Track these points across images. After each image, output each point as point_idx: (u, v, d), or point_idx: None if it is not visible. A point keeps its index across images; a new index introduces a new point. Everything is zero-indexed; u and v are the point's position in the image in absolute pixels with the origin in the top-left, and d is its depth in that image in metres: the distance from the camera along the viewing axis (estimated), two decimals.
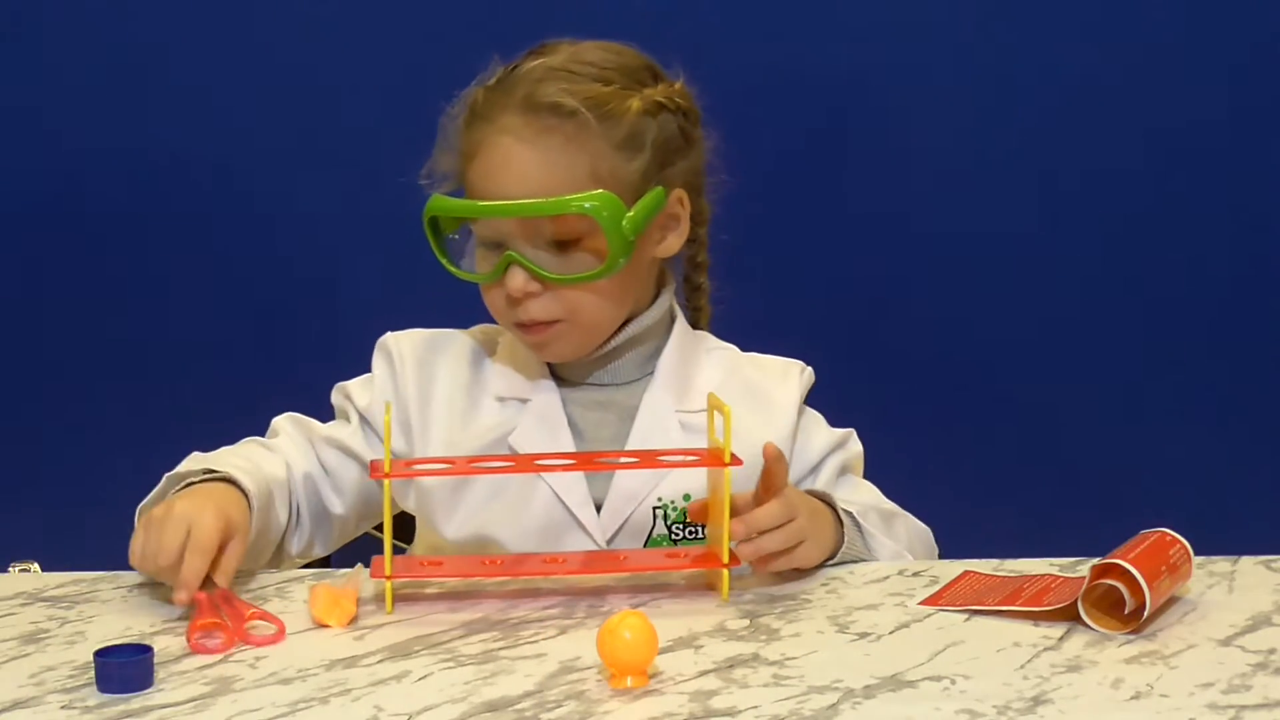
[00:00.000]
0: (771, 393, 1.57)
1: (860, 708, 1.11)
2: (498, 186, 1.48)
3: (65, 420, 2.52)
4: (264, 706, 1.13)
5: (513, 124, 1.48)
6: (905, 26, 2.43)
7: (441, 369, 1.58)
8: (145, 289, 2.49)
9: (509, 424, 1.54)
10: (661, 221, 1.53)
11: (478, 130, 1.50)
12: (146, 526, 1.36)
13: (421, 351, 1.59)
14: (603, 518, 1.52)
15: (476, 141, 1.50)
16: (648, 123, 1.50)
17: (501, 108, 1.49)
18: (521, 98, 1.48)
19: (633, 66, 1.53)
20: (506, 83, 1.51)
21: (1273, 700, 1.12)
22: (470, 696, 1.14)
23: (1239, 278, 2.47)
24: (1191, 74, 2.43)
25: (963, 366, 2.48)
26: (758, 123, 2.37)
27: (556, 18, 1.62)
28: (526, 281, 1.48)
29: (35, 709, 1.14)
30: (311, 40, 2.45)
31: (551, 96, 1.47)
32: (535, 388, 1.55)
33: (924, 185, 2.46)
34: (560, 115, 1.47)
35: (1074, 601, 1.27)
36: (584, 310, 1.50)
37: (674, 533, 1.51)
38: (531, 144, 1.47)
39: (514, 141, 1.48)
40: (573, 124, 1.47)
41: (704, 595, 1.38)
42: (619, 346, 1.55)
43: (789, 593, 1.37)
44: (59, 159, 2.47)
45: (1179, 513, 1.47)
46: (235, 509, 1.39)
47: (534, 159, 1.47)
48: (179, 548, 1.32)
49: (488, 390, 1.57)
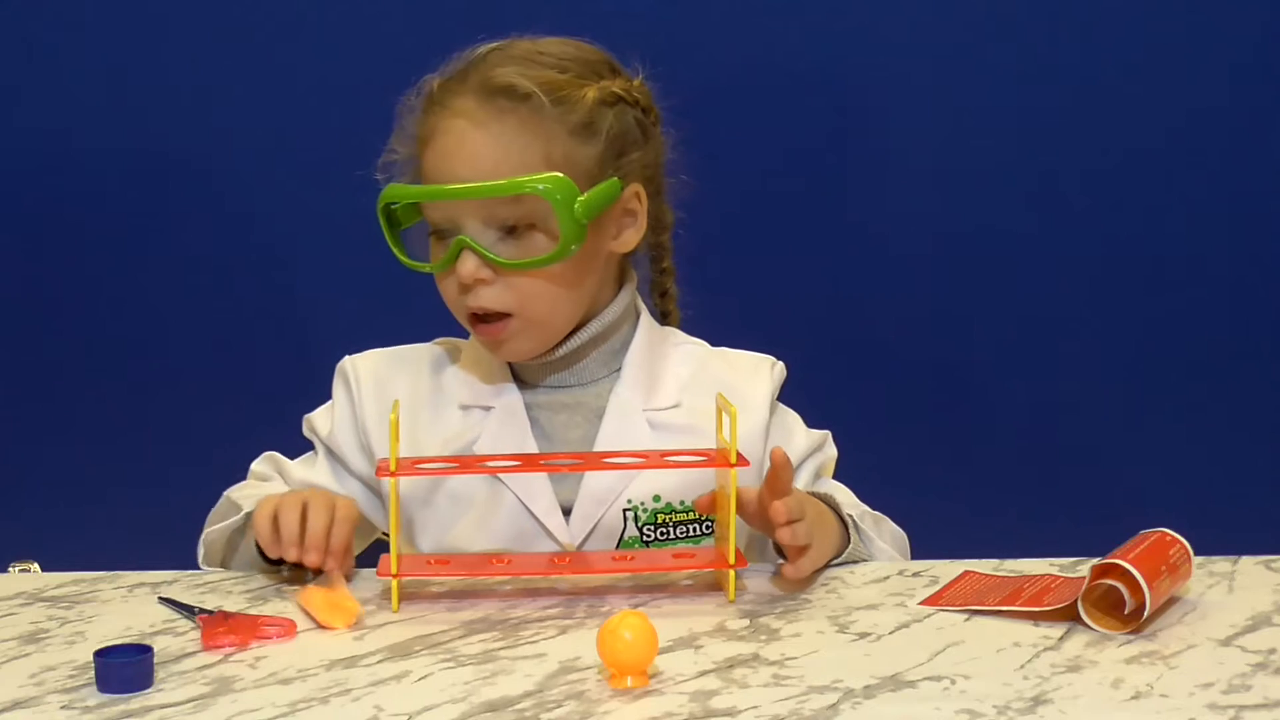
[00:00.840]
0: (742, 389, 1.55)
1: (860, 708, 1.11)
2: (451, 170, 1.47)
3: (65, 420, 2.52)
4: (264, 706, 1.13)
5: (467, 107, 1.48)
6: (885, 21, 2.43)
7: (400, 385, 1.57)
8: (145, 289, 2.49)
9: (473, 431, 1.54)
10: (617, 214, 1.52)
11: (432, 116, 1.50)
12: (280, 508, 1.39)
13: (381, 370, 1.58)
14: (572, 523, 1.51)
15: (431, 127, 1.50)
16: (604, 112, 1.50)
17: (457, 93, 1.49)
18: (477, 82, 1.48)
19: (591, 60, 1.53)
20: (463, 70, 1.51)
21: (1273, 700, 1.12)
22: (470, 696, 1.14)
23: (1239, 276, 2.47)
24: (1190, 74, 2.42)
25: (962, 366, 2.48)
26: (734, 122, 2.37)
27: (530, 16, 1.62)
28: (478, 267, 1.47)
29: (35, 709, 1.14)
30: (312, 39, 2.44)
31: (507, 79, 1.47)
32: (498, 393, 1.54)
33: (915, 183, 2.45)
34: (514, 98, 1.47)
35: (1074, 601, 1.27)
36: (536, 301, 1.48)
37: (645, 534, 1.51)
38: (485, 127, 1.47)
39: (468, 125, 1.47)
40: (526, 107, 1.47)
41: (704, 595, 1.38)
42: (581, 346, 1.54)
43: (789, 593, 1.37)
44: (57, 160, 2.47)
45: (1179, 513, 1.48)
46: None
47: (487, 142, 1.46)
48: (327, 523, 1.38)
49: (451, 399, 1.56)
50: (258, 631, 1.27)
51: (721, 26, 2.41)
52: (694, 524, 1.51)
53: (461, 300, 1.50)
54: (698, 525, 1.51)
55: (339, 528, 1.39)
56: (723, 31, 2.41)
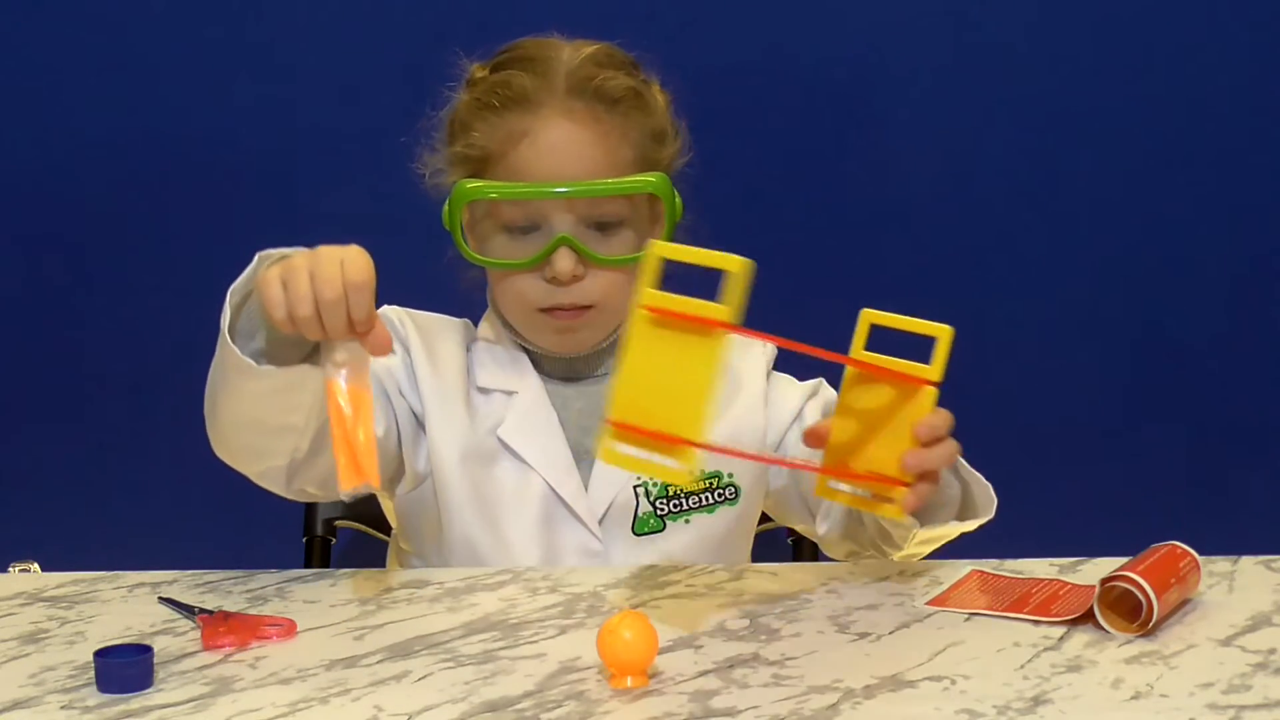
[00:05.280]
0: (737, 366, 1.60)
1: (860, 708, 1.11)
2: (554, 168, 1.49)
3: (65, 420, 2.52)
4: (264, 706, 1.13)
5: (566, 107, 1.50)
6: (884, 21, 2.43)
7: (442, 348, 1.58)
8: (145, 289, 2.49)
9: (496, 416, 1.56)
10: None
11: (519, 114, 1.50)
12: (286, 273, 1.27)
13: (423, 326, 1.59)
14: (592, 505, 1.54)
15: (522, 126, 1.50)
16: (669, 116, 1.56)
17: (549, 91, 1.50)
18: (570, 84, 1.50)
19: (637, 64, 1.57)
20: (544, 69, 1.51)
21: (1273, 700, 1.12)
22: (470, 696, 1.14)
23: (1239, 276, 2.47)
24: (1192, 73, 2.42)
25: (962, 366, 2.47)
26: (733, 124, 2.37)
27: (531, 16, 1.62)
28: (576, 264, 1.49)
29: (35, 709, 1.14)
30: (312, 39, 2.45)
31: (601, 81, 1.50)
32: (521, 381, 1.56)
33: (915, 183, 2.46)
34: (609, 101, 1.50)
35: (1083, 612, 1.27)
36: (615, 294, 1.51)
37: (659, 508, 1.54)
38: (588, 127, 1.50)
39: (571, 124, 1.50)
40: (620, 110, 1.51)
41: (704, 595, 1.38)
42: (613, 343, 1.56)
43: (789, 592, 1.37)
44: (57, 160, 2.47)
45: (1179, 512, 1.48)
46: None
47: (592, 141, 1.49)
48: (338, 279, 1.26)
49: (473, 382, 1.58)
50: (258, 631, 1.27)
51: (719, 27, 2.41)
52: (705, 494, 1.55)
53: (547, 294, 1.51)
54: (709, 494, 1.55)
55: (356, 294, 1.27)
56: (720, 32, 2.41)
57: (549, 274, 1.49)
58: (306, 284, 1.26)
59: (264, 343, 1.35)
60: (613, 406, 1.21)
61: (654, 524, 1.54)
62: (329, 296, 1.26)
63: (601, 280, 1.51)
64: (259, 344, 1.35)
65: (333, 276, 1.27)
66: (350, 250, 1.29)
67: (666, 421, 1.19)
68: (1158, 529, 1.43)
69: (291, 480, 1.43)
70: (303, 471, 1.42)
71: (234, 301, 1.34)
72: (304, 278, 1.27)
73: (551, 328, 1.53)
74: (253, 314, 1.35)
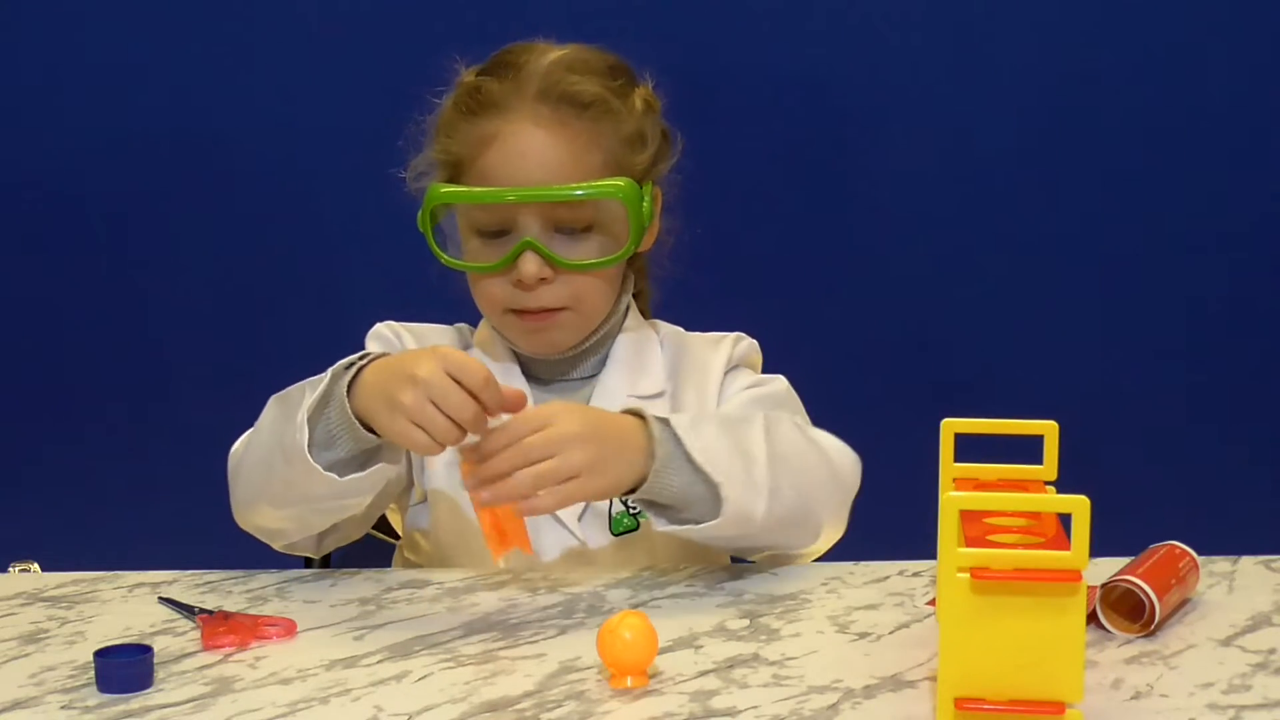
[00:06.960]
0: (708, 362, 1.60)
1: (860, 708, 1.11)
2: (519, 173, 1.49)
3: (65, 420, 2.52)
4: (264, 706, 1.13)
5: (533, 112, 1.49)
6: (884, 23, 2.43)
7: None
8: (145, 289, 2.49)
9: None
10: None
11: (489, 119, 1.50)
12: (413, 415, 1.29)
13: (419, 336, 1.60)
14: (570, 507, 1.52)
15: (491, 131, 1.50)
16: (648, 120, 1.55)
17: (518, 96, 1.50)
18: (539, 89, 1.50)
19: (623, 67, 1.56)
20: (515, 74, 1.51)
21: (1273, 700, 1.12)
22: (470, 696, 1.14)
23: (1240, 277, 2.47)
24: (1191, 73, 2.42)
25: (962, 366, 2.48)
26: (731, 125, 2.38)
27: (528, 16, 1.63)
28: (540, 268, 1.49)
29: (35, 709, 1.14)
30: (313, 39, 2.45)
31: (570, 86, 1.50)
32: (510, 384, 1.55)
33: (915, 183, 2.46)
34: (578, 106, 1.50)
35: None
36: (588, 298, 1.52)
37: (631, 507, 1.53)
38: (554, 132, 1.49)
39: (536, 129, 1.49)
40: (589, 115, 1.50)
41: (704, 595, 1.38)
42: (595, 343, 1.56)
43: (789, 593, 1.37)
44: (58, 160, 2.47)
45: (1180, 512, 1.48)
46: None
47: (557, 146, 1.49)
48: (466, 398, 1.28)
49: None
50: (258, 631, 1.27)
51: (716, 28, 2.41)
52: None
53: (514, 297, 1.51)
54: None
55: (486, 392, 1.29)
56: (719, 32, 2.41)
57: (514, 277, 1.50)
58: (441, 417, 1.28)
59: (345, 454, 1.36)
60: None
61: (628, 523, 1.53)
62: (468, 417, 1.29)
63: (573, 284, 1.51)
64: (340, 454, 1.36)
65: (461, 401, 1.28)
66: (448, 359, 1.30)
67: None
68: (1158, 529, 1.43)
69: (322, 543, 1.49)
70: (337, 535, 1.49)
71: (311, 416, 1.34)
72: (432, 411, 1.28)
73: (521, 329, 1.54)
74: (332, 426, 1.35)
